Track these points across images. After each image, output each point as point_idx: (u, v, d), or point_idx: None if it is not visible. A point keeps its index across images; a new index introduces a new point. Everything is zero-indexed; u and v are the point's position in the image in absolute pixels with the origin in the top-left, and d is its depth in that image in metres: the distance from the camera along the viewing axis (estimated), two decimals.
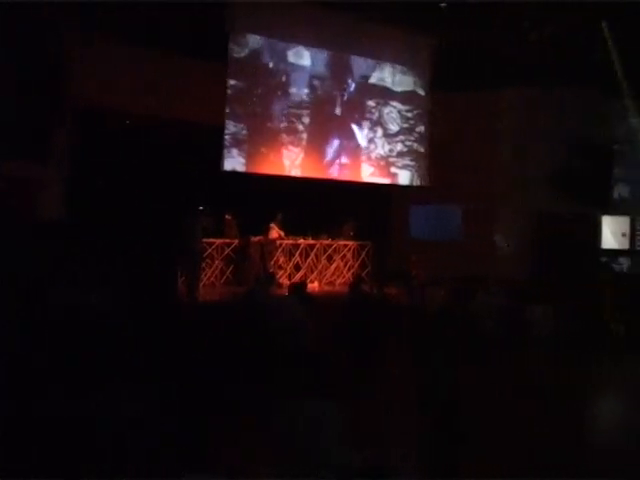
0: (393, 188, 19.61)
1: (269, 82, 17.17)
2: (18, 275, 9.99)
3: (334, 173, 18.28)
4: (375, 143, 18.96)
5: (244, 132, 16.69)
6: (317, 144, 17.96)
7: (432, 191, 19.40)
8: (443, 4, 16.74)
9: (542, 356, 13.08)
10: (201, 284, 15.43)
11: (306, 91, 17.72)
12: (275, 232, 16.98)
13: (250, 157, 16.84)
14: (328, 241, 18.15)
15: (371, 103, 18.90)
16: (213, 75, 16.25)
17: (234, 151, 16.55)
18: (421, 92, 19.73)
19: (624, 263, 19.18)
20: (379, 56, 18.89)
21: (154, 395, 7.22)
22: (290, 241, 17.40)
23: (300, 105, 17.62)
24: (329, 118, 18.20)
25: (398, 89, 19.34)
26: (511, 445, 8.40)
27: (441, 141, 19.24)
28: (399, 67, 19.32)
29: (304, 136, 17.64)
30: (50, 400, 6.95)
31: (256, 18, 16.56)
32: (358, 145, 18.68)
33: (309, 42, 17.66)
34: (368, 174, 18.84)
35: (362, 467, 5.12)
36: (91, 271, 11.48)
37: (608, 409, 11.43)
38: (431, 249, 18.18)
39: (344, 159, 18.43)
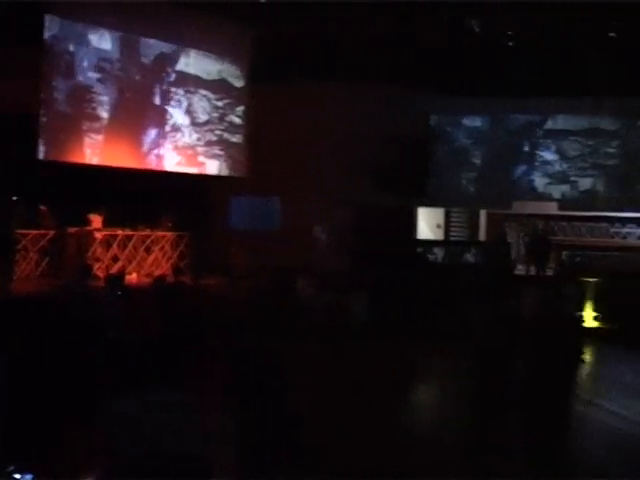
0: (211, 178, 19.62)
1: (77, 69, 16.68)
2: None
3: (148, 162, 18.07)
4: (183, 132, 18.84)
5: (54, 120, 16.21)
6: (129, 133, 17.68)
7: (251, 182, 19.55)
8: None
9: (358, 345, 13.42)
10: (15, 277, 14.95)
11: (113, 78, 17.31)
12: (92, 223, 16.64)
13: (62, 146, 16.42)
14: (146, 232, 17.93)
15: (180, 91, 18.74)
16: (25, 60, 15.73)
17: (45, 140, 16.05)
18: (235, 82, 19.77)
19: (439, 253, 19.95)
20: (190, 44, 18.72)
21: None
22: (108, 232, 17.03)
23: (108, 92, 17.20)
24: (139, 106, 17.93)
25: (209, 78, 19.28)
26: (333, 440, 8.45)
27: (259, 132, 19.42)
28: (212, 56, 19.25)
29: (115, 125, 17.26)
30: None
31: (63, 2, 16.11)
32: (167, 134, 18.51)
33: (114, 27, 17.21)
34: (175, 163, 18.70)
35: (180, 465, 5.14)
36: None
37: (423, 399, 11.88)
38: (250, 240, 18.38)
39: (156, 148, 18.24)
